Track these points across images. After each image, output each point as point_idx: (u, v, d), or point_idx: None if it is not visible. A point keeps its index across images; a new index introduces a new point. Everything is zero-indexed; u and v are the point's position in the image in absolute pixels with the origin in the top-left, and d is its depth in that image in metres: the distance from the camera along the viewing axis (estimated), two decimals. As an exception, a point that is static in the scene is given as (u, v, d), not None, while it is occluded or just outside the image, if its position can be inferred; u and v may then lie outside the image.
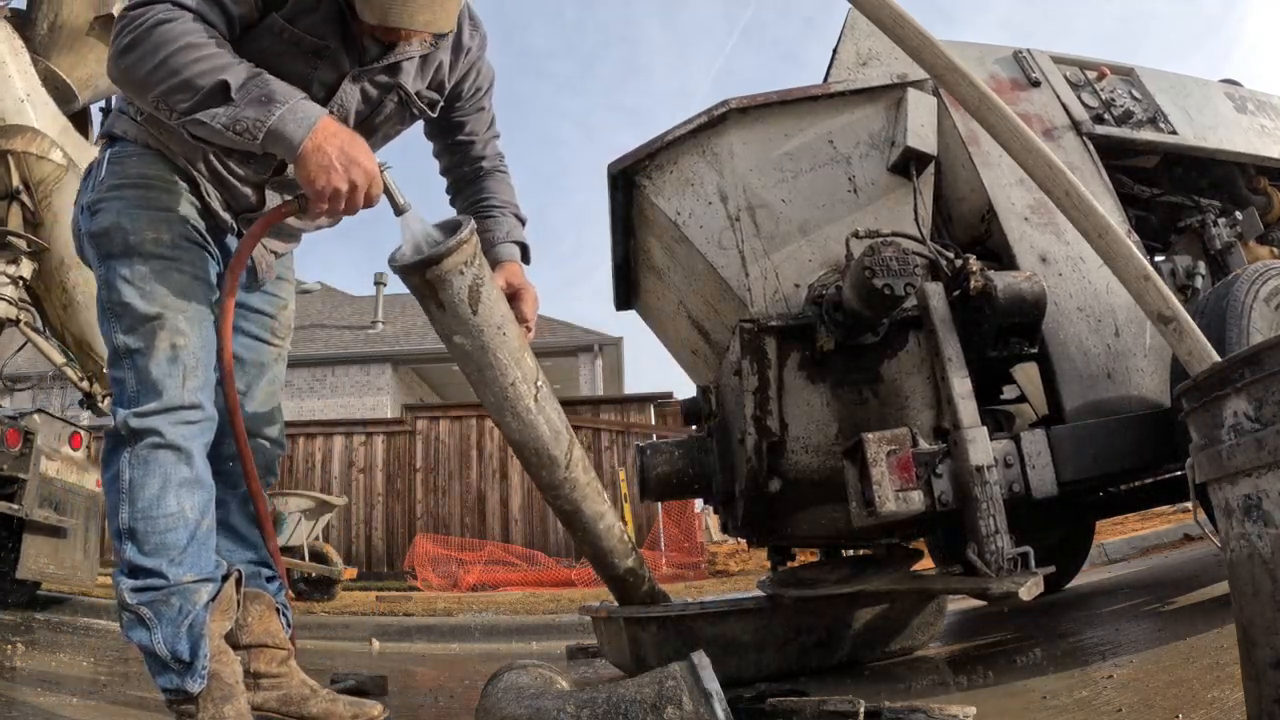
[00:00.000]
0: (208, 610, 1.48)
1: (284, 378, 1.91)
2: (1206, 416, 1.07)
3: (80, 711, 1.95)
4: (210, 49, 1.36)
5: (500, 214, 1.89)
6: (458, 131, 1.90)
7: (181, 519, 1.47)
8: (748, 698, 1.74)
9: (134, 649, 1.49)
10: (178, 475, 1.48)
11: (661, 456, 2.38)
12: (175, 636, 1.44)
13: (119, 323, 1.50)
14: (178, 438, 1.48)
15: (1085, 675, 1.71)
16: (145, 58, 1.34)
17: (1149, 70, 2.95)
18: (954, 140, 2.42)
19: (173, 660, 1.44)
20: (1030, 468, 1.96)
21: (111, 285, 1.51)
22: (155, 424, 1.47)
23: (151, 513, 1.45)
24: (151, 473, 1.46)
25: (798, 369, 2.06)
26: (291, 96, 1.38)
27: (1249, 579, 0.99)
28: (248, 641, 1.71)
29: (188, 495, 1.48)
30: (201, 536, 1.50)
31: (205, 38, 1.37)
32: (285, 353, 1.91)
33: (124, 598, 1.45)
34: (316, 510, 6.78)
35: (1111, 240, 1.46)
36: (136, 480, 1.46)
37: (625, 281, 2.74)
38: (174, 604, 1.44)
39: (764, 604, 2.25)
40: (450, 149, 1.93)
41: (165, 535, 1.45)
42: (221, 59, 1.36)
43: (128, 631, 1.48)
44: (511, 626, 4.47)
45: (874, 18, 1.69)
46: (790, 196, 2.21)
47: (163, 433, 1.47)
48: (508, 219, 1.90)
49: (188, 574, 1.46)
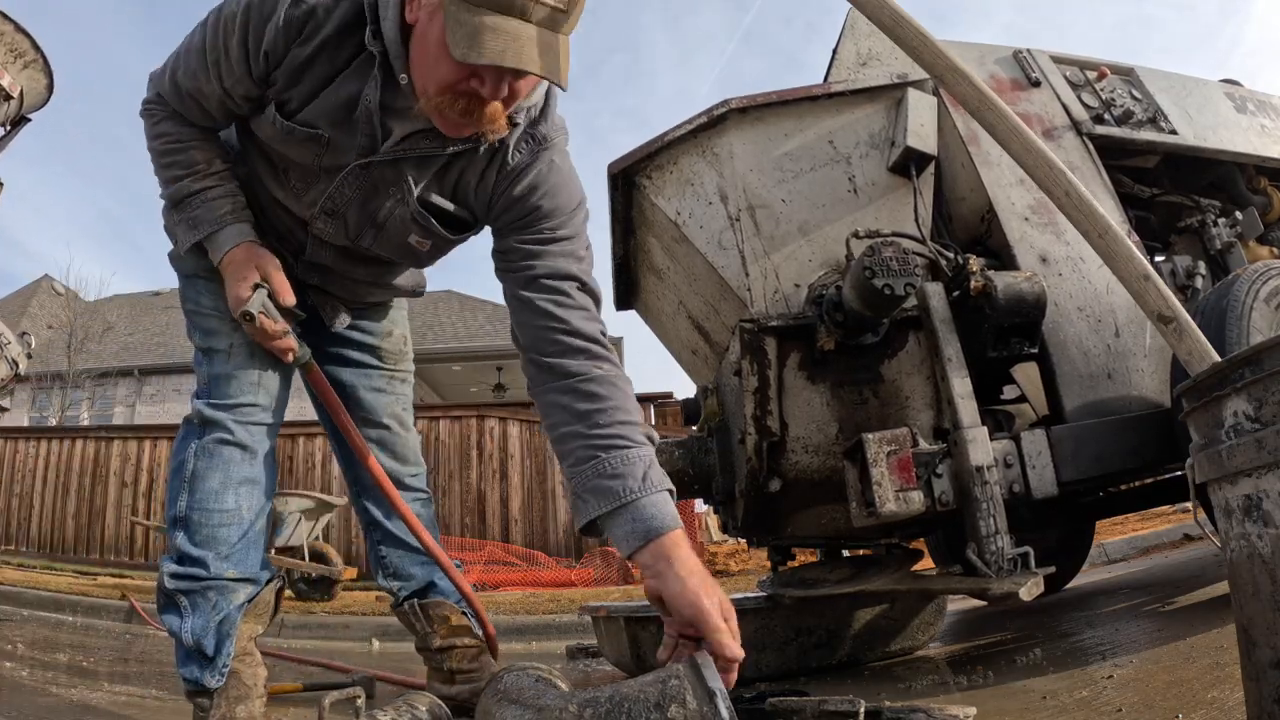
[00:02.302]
0: (241, 610, 1.52)
1: (411, 396, 1.94)
2: (1206, 416, 1.07)
3: (80, 711, 1.95)
4: (170, 158, 1.48)
5: (632, 439, 1.25)
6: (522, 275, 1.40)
7: (236, 516, 1.51)
8: (748, 698, 1.74)
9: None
10: (240, 473, 1.52)
11: (661, 456, 2.38)
12: (204, 629, 1.47)
13: (198, 329, 1.60)
14: (245, 436, 1.53)
15: (1085, 675, 1.71)
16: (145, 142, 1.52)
17: (1149, 70, 2.95)
18: (954, 140, 2.42)
19: (196, 651, 1.47)
20: (1030, 468, 1.96)
21: (187, 296, 1.61)
22: (225, 418, 1.52)
23: (208, 505, 1.49)
24: (215, 467, 1.51)
25: (798, 369, 2.06)
26: (213, 226, 1.47)
27: (1249, 579, 0.99)
28: (439, 644, 1.83)
29: (246, 494, 1.53)
30: (253, 536, 1.54)
31: (170, 147, 1.48)
32: (403, 374, 1.92)
33: (164, 581, 1.49)
34: (316, 510, 6.77)
35: (1111, 240, 1.46)
36: (200, 471, 1.50)
37: (625, 281, 2.74)
38: (210, 597, 1.48)
39: (764, 604, 2.25)
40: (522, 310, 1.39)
41: (218, 530, 1.49)
42: (173, 170, 1.48)
43: (161, 614, 1.52)
44: (511, 626, 4.46)
45: (874, 18, 1.68)
46: (790, 196, 2.21)
47: (231, 429, 1.51)
48: (643, 448, 1.25)
49: (231, 570, 1.50)
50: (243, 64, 1.35)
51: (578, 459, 1.24)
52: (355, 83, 1.34)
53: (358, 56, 1.33)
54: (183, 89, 1.43)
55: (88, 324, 18.93)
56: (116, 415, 18.16)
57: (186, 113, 1.47)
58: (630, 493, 1.19)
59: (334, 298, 1.76)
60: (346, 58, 1.34)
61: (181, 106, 1.46)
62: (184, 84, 1.42)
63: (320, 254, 1.62)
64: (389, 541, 1.87)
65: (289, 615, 5.05)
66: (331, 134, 1.39)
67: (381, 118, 1.37)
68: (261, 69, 1.35)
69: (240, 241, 1.48)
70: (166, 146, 1.48)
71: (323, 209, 1.50)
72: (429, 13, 1.21)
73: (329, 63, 1.34)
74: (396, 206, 1.47)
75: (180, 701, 1.60)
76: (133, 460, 9.75)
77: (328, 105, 1.36)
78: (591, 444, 1.23)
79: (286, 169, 1.50)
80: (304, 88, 1.36)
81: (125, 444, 9.86)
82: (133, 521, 9.08)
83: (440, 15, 1.17)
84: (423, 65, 1.24)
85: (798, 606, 2.22)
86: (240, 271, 1.46)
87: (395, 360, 1.90)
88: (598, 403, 1.27)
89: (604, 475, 1.20)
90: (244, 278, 1.46)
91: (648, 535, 1.15)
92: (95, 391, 18.33)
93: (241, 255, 1.47)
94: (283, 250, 1.60)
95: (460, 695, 1.82)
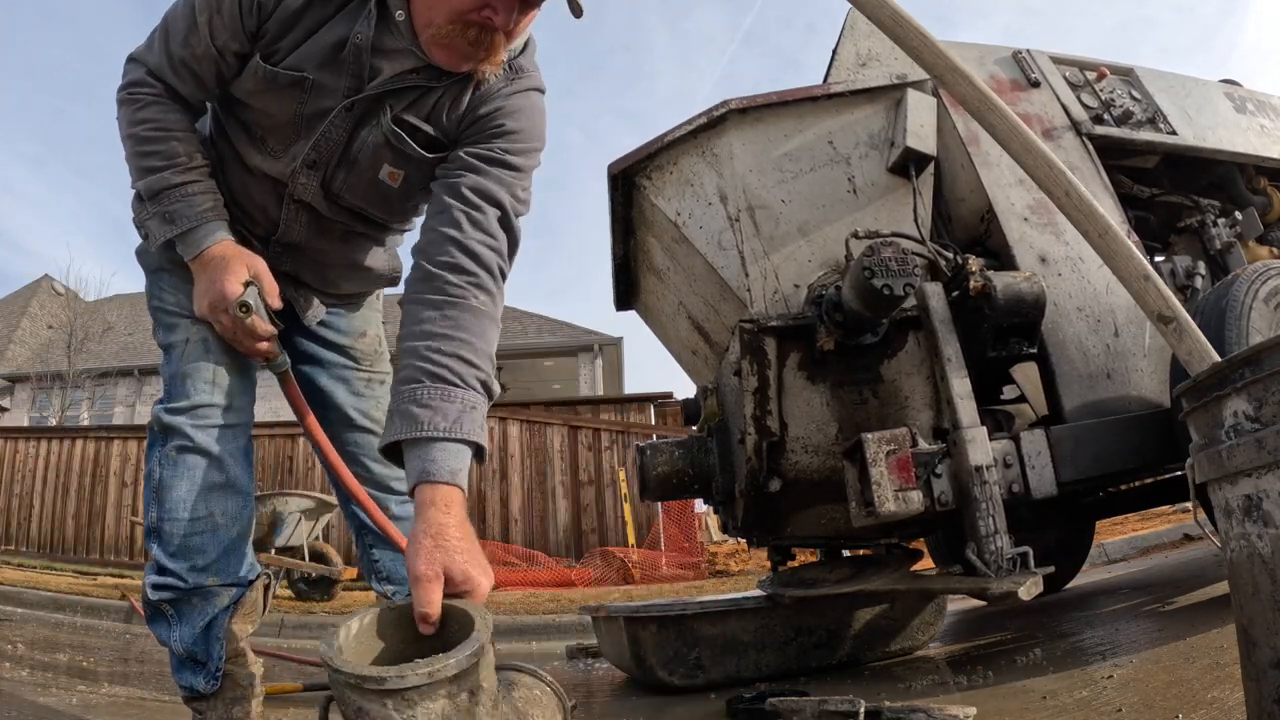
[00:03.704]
0: (228, 613, 1.50)
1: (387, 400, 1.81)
2: (1206, 416, 1.07)
3: (81, 711, 1.95)
4: (149, 146, 1.42)
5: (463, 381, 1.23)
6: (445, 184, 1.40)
7: (209, 523, 1.46)
8: (748, 698, 1.74)
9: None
10: (207, 479, 1.47)
11: (661, 456, 2.38)
12: (192, 636, 1.46)
13: (159, 327, 1.56)
14: (205, 440, 1.46)
15: (1085, 675, 1.71)
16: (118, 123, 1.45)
17: (1148, 70, 2.95)
18: (954, 140, 2.43)
19: (188, 659, 1.47)
20: (1030, 468, 1.96)
21: (151, 293, 1.58)
22: (181, 423, 1.46)
23: (178, 515, 1.44)
24: (180, 475, 1.46)
25: (797, 369, 2.06)
26: (191, 222, 1.41)
27: (1249, 579, 0.99)
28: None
29: (218, 499, 1.47)
30: (230, 542, 1.50)
31: (152, 133, 1.41)
32: (381, 375, 1.85)
33: (147, 593, 1.47)
34: (316, 510, 6.77)
35: (1111, 240, 1.46)
36: (166, 481, 1.46)
37: (625, 281, 2.74)
38: (195, 604, 1.47)
39: (764, 604, 2.25)
40: (432, 217, 1.39)
41: (190, 539, 1.45)
42: (150, 160, 1.41)
43: (149, 624, 1.51)
44: (511, 626, 4.47)
45: (874, 18, 1.69)
46: (790, 197, 2.21)
47: (189, 434, 1.45)
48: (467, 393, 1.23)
49: (210, 579, 1.46)
50: (235, 19, 1.35)
51: (404, 377, 1.23)
52: (344, 25, 1.35)
53: (348, 3, 1.35)
54: (175, 58, 1.40)
55: (88, 324, 18.93)
56: (116, 415, 18.17)
57: (180, 84, 1.42)
58: (432, 429, 1.17)
59: (307, 287, 1.71)
60: (337, 4, 1.36)
61: (176, 78, 1.42)
62: (176, 52, 1.40)
63: (293, 229, 1.57)
64: (381, 545, 1.82)
65: (289, 615, 5.05)
66: (317, 76, 1.38)
67: (370, 58, 1.37)
68: (253, 22, 1.35)
69: (222, 239, 1.44)
70: (148, 133, 1.42)
71: (304, 161, 1.47)
72: None
73: (320, 8, 1.36)
74: (370, 133, 1.44)
75: (180, 702, 1.61)
76: (133, 460, 9.74)
77: (315, 48, 1.36)
78: (422, 367, 1.22)
79: (264, 135, 1.48)
80: (294, 36, 1.36)
81: (125, 444, 9.86)
82: (133, 521, 9.08)
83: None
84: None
85: (798, 606, 2.22)
86: (230, 265, 1.40)
87: (371, 361, 1.85)
88: (452, 328, 1.26)
89: (418, 402, 1.19)
90: (234, 272, 1.40)
91: (422, 477, 1.15)
92: (95, 391, 18.34)
93: (229, 251, 1.42)
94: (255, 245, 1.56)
95: None
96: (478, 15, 1.25)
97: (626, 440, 9.60)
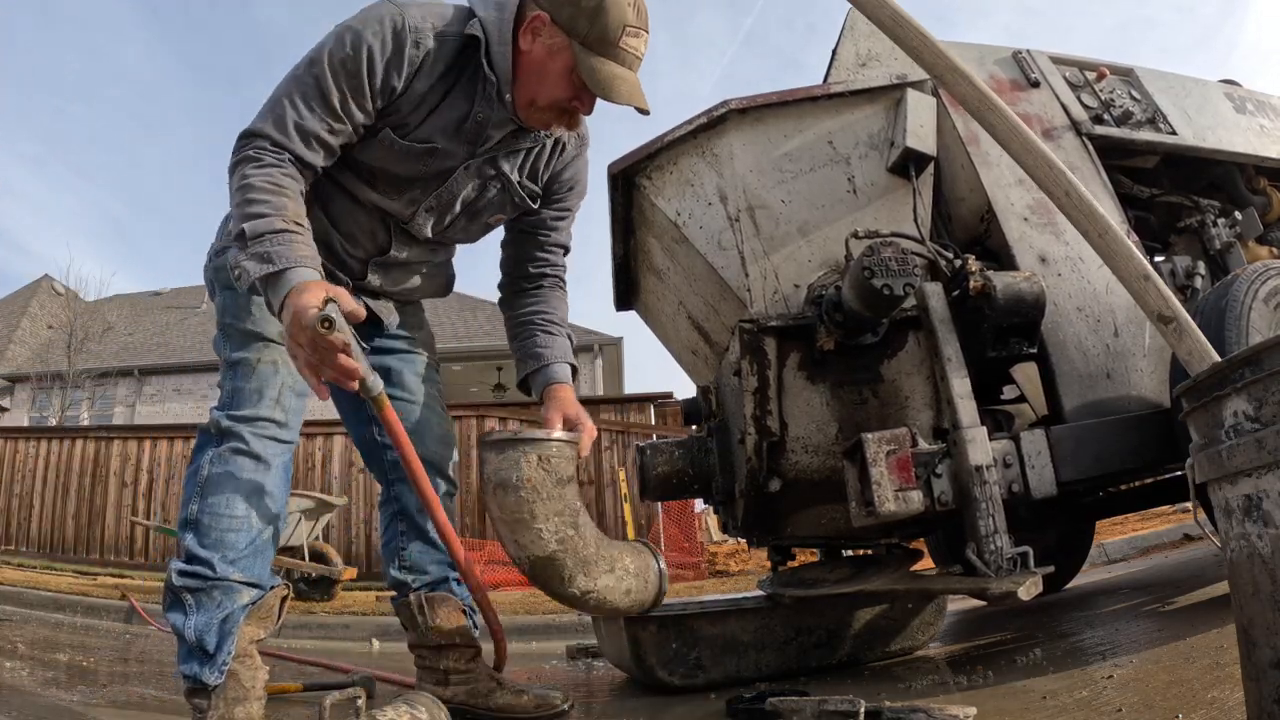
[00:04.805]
0: (245, 611, 1.56)
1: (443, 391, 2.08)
2: (1206, 416, 1.07)
3: (81, 711, 1.95)
4: (261, 196, 1.46)
5: (559, 332, 1.96)
6: (536, 232, 1.95)
7: (246, 523, 1.56)
8: (748, 698, 1.74)
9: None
10: (253, 483, 1.58)
11: (661, 456, 2.38)
12: (207, 627, 1.50)
13: (229, 342, 1.68)
14: (260, 447, 1.59)
15: (1085, 675, 1.71)
16: (230, 182, 1.54)
17: (1148, 70, 2.95)
18: (953, 140, 2.43)
19: (197, 648, 1.50)
20: (1030, 468, 1.96)
21: (225, 309, 1.69)
22: (242, 430, 1.59)
23: (219, 510, 1.55)
24: (229, 474, 1.56)
25: (797, 369, 2.06)
26: (288, 263, 1.41)
27: (1249, 579, 0.99)
28: (437, 641, 1.87)
29: (257, 503, 1.58)
30: (260, 545, 1.59)
31: (267, 185, 1.47)
32: (437, 363, 2.09)
33: (172, 579, 1.53)
34: (316, 510, 6.77)
35: (1111, 240, 1.46)
36: (213, 478, 1.56)
37: (625, 281, 2.74)
38: (215, 596, 1.52)
39: (764, 604, 2.25)
40: (521, 250, 1.97)
41: (226, 534, 1.54)
42: (260, 208, 1.45)
43: (166, 611, 1.56)
44: (512, 626, 4.46)
45: (874, 18, 1.69)
46: (790, 197, 2.21)
47: (247, 440, 1.58)
48: (563, 339, 1.96)
49: (237, 574, 1.54)
50: (369, 102, 1.57)
51: (525, 335, 1.95)
52: (463, 100, 1.65)
53: (461, 79, 1.64)
54: (306, 131, 1.53)
55: (88, 324, 18.93)
56: (116, 415, 18.16)
57: (308, 153, 1.54)
58: (550, 357, 1.92)
59: (387, 295, 1.92)
60: (453, 81, 1.64)
61: (305, 148, 1.54)
62: (309, 127, 1.53)
63: (403, 251, 1.83)
64: (413, 534, 1.93)
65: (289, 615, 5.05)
66: (445, 145, 1.67)
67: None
68: (384, 104, 1.59)
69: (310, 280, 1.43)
70: (264, 184, 1.47)
71: (425, 207, 1.75)
72: (548, 50, 1.60)
73: (442, 88, 1.63)
74: (498, 193, 1.81)
75: (180, 702, 1.61)
76: (133, 460, 9.74)
77: (442, 122, 1.65)
78: (536, 327, 1.94)
79: (375, 179, 1.70)
80: (421, 111, 1.63)
81: (125, 444, 9.86)
82: (133, 521, 9.08)
83: (564, 56, 1.58)
84: (536, 84, 1.62)
85: (798, 606, 2.22)
86: (310, 288, 1.39)
87: (431, 351, 2.06)
88: (548, 307, 1.98)
89: (538, 346, 1.92)
90: (313, 292, 1.39)
91: (550, 379, 1.90)
92: (95, 391, 18.33)
93: (311, 285, 1.41)
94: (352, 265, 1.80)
95: (456, 697, 1.83)
96: (569, 104, 1.64)
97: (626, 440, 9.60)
